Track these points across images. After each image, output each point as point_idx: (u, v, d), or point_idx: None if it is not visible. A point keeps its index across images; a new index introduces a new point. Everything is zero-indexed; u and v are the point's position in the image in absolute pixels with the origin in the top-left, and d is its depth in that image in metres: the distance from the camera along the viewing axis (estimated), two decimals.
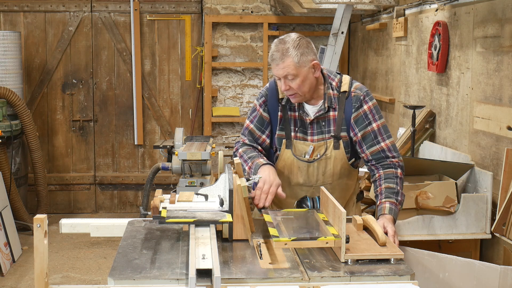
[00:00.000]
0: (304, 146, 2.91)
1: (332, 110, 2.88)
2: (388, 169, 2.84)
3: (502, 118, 3.39)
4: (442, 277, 3.02)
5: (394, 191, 2.77)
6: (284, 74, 2.77)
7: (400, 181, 2.82)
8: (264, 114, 2.97)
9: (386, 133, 2.87)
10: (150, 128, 7.37)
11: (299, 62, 2.75)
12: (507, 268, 2.91)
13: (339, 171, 2.92)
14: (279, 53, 2.76)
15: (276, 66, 2.78)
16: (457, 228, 3.42)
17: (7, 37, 6.42)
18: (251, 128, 3.01)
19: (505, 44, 3.39)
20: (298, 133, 2.92)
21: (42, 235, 2.03)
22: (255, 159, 2.90)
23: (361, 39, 6.67)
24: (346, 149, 2.89)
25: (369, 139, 2.85)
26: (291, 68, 2.75)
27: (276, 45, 2.80)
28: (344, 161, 2.91)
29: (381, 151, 2.85)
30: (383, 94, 5.72)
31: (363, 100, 2.86)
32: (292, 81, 2.78)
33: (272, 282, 2.14)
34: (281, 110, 2.93)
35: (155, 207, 2.55)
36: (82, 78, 7.24)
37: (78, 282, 5.20)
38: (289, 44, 2.77)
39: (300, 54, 2.76)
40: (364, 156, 2.90)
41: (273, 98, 2.95)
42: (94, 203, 7.41)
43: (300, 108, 2.90)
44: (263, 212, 2.72)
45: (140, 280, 2.12)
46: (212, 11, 7.04)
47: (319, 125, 2.90)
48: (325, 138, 2.89)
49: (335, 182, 2.94)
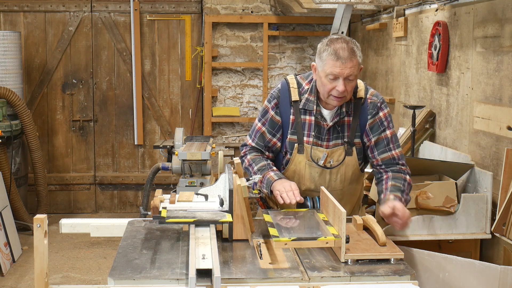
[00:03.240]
0: (318, 152, 2.84)
1: (347, 116, 2.84)
2: (397, 173, 2.84)
3: (502, 118, 3.39)
4: (442, 277, 3.02)
5: (401, 189, 2.75)
6: (349, 74, 2.67)
7: (408, 185, 2.81)
8: (276, 117, 2.90)
9: (396, 142, 2.88)
10: (150, 128, 7.37)
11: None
12: (507, 268, 2.91)
13: (350, 177, 2.90)
14: (347, 52, 2.65)
15: (342, 65, 2.65)
16: (457, 228, 3.42)
17: (7, 37, 6.42)
18: (263, 131, 2.93)
19: (505, 44, 3.39)
20: (312, 138, 2.84)
21: (42, 235, 2.03)
22: (265, 173, 2.85)
23: (361, 39, 6.67)
24: (359, 156, 2.87)
25: (382, 145, 2.84)
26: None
27: (340, 43, 2.67)
28: (355, 167, 2.89)
29: (392, 159, 2.86)
30: (383, 94, 5.72)
31: (380, 107, 2.85)
32: (352, 82, 2.71)
33: (272, 282, 2.14)
34: (294, 113, 2.86)
35: (155, 207, 2.55)
36: (82, 78, 7.24)
37: (78, 282, 5.20)
38: (352, 44, 2.69)
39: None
40: (374, 161, 2.88)
41: (285, 100, 2.87)
42: (94, 203, 7.41)
43: (318, 112, 2.83)
44: (263, 212, 2.72)
45: (140, 280, 2.12)
46: (212, 11, 7.04)
47: (335, 130, 2.84)
48: (338, 144, 2.85)
49: (345, 188, 2.92)
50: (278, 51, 7.13)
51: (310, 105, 2.83)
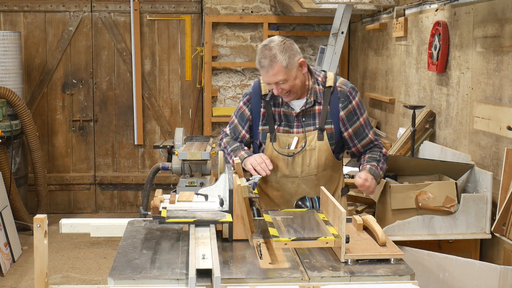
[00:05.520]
0: (288, 138, 3.01)
1: (318, 104, 3.00)
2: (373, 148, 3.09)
3: (502, 118, 3.39)
4: (442, 277, 3.02)
5: (376, 159, 3.01)
6: (275, 81, 2.87)
7: (383, 155, 3.05)
8: (247, 112, 3.11)
9: (369, 125, 3.08)
10: (150, 128, 7.37)
11: (287, 66, 2.86)
12: (507, 268, 2.91)
13: (323, 163, 3.02)
14: (267, 60, 2.85)
15: (266, 73, 2.87)
16: (457, 228, 3.43)
17: (7, 37, 6.42)
18: (236, 124, 3.18)
19: (505, 44, 3.39)
20: (282, 127, 3.02)
21: (42, 235, 2.03)
22: (237, 152, 3.07)
23: (361, 39, 6.67)
24: (330, 141, 3.01)
25: (359, 133, 3.03)
26: (281, 74, 2.85)
27: (262, 52, 2.88)
28: (328, 153, 3.01)
29: (370, 142, 3.07)
30: (383, 94, 5.72)
31: (351, 95, 3.01)
32: (284, 84, 2.88)
33: (272, 282, 2.14)
34: (264, 106, 3.05)
35: (155, 207, 2.55)
36: (82, 78, 7.24)
37: (78, 282, 5.20)
38: (275, 50, 2.85)
39: (287, 57, 2.85)
40: (355, 150, 3.08)
41: (256, 96, 3.08)
42: (94, 203, 7.41)
43: (285, 103, 3.01)
44: (263, 212, 2.73)
45: (140, 280, 2.12)
46: (212, 11, 7.04)
47: (304, 118, 3.00)
48: (310, 130, 3.01)
49: (320, 173, 3.04)
50: None
51: (277, 97, 3.01)
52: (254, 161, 2.95)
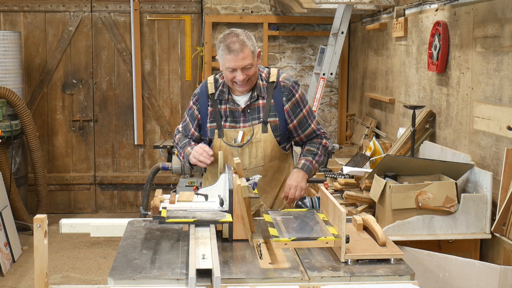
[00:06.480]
0: (234, 133, 3.16)
1: (261, 99, 3.17)
2: (314, 138, 3.28)
3: (502, 118, 3.39)
4: (442, 277, 3.02)
5: (313, 152, 3.23)
6: (244, 65, 2.99)
7: (322, 148, 3.26)
8: (195, 111, 3.26)
9: (312, 115, 3.27)
10: (150, 128, 7.37)
11: (253, 52, 3.04)
12: (507, 268, 2.91)
13: (270, 154, 3.17)
14: (237, 45, 2.97)
15: (236, 57, 2.98)
16: (457, 228, 3.42)
17: (7, 37, 6.42)
18: (188, 122, 3.31)
19: (505, 44, 3.39)
20: (228, 123, 3.17)
21: (42, 235, 2.03)
22: (185, 149, 3.22)
23: (361, 39, 6.67)
24: (275, 133, 3.16)
25: (303, 123, 3.22)
26: (249, 58, 3.00)
27: (230, 38, 3.00)
28: (274, 144, 3.17)
29: (312, 132, 3.26)
30: (383, 94, 5.72)
31: (294, 89, 3.19)
32: (249, 69, 3.03)
33: (272, 282, 2.14)
34: (211, 105, 3.20)
35: (155, 207, 2.55)
36: (82, 78, 7.24)
37: (78, 282, 5.20)
38: (242, 36, 3.01)
39: (252, 44, 3.04)
40: (298, 139, 3.27)
41: (204, 95, 3.24)
42: (94, 203, 7.41)
43: (230, 100, 3.17)
44: (263, 212, 2.73)
45: (140, 280, 2.12)
46: (212, 11, 7.05)
47: (249, 112, 3.16)
48: (256, 123, 3.16)
49: (267, 164, 3.18)
50: (278, 51, 7.14)
51: (223, 95, 3.18)
52: (196, 154, 3.08)
